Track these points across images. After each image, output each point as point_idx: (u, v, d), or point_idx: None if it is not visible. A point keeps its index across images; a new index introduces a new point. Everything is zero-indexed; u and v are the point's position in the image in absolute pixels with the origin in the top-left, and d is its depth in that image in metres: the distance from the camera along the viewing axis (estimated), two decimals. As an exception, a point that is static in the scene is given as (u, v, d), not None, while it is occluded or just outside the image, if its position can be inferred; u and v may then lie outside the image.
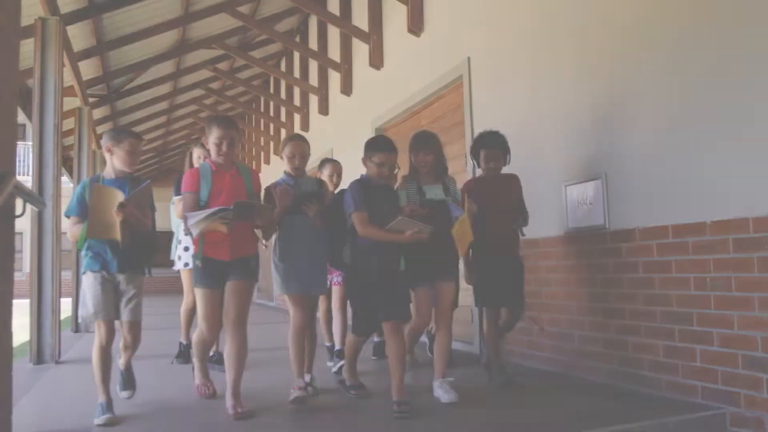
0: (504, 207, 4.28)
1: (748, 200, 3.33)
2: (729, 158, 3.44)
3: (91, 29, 8.30)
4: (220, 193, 3.61)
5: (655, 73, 3.91)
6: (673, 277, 3.76)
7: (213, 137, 3.65)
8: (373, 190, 3.77)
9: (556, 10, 4.82)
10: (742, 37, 3.38)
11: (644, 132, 3.99)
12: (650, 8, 3.95)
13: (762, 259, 3.26)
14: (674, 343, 3.76)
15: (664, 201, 3.84)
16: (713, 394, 3.51)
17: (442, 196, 3.96)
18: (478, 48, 5.91)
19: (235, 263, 3.63)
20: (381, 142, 3.87)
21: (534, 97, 5.03)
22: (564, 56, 4.72)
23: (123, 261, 3.57)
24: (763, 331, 3.25)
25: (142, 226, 3.56)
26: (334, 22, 8.65)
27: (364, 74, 8.76)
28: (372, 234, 3.65)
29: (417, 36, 7.10)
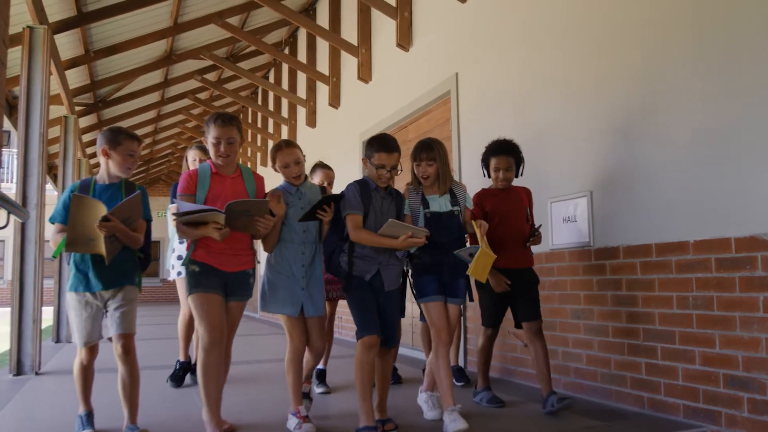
0: (515, 222, 4.09)
1: (730, 220, 3.37)
2: (711, 178, 3.48)
3: (79, 38, 8.29)
4: (217, 198, 3.29)
5: (643, 90, 3.96)
6: (656, 295, 3.79)
7: (211, 136, 3.34)
8: (374, 193, 3.49)
9: (543, 27, 4.87)
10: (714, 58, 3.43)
11: (630, 150, 4.03)
12: (638, 27, 4.00)
13: (743, 279, 3.29)
14: (656, 361, 3.78)
15: (648, 219, 3.87)
16: (694, 412, 3.53)
17: (448, 207, 3.62)
18: (466, 64, 5.95)
19: (234, 278, 3.37)
20: (381, 141, 3.49)
21: (521, 114, 5.07)
22: (551, 73, 4.77)
23: (108, 277, 3.27)
24: (744, 350, 3.28)
25: (131, 241, 3.26)
26: (323, 35, 8.69)
27: (353, 87, 8.80)
28: (364, 239, 3.39)
29: (405, 51, 7.14)
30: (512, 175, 4.14)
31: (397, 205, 3.58)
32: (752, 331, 3.24)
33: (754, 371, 3.22)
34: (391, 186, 3.58)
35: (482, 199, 4.15)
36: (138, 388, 3.33)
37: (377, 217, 3.44)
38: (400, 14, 7.14)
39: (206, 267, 3.29)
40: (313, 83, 10.62)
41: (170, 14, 8.81)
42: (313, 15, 10.49)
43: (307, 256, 3.58)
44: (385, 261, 3.46)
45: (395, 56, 7.40)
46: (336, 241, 3.50)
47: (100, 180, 3.37)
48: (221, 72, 12.56)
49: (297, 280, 3.56)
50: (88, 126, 12.19)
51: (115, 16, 7.83)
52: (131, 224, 3.23)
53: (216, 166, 3.39)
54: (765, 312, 3.18)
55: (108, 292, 3.30)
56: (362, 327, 3.36)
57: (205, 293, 3.27)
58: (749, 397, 3.24)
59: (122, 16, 7.98)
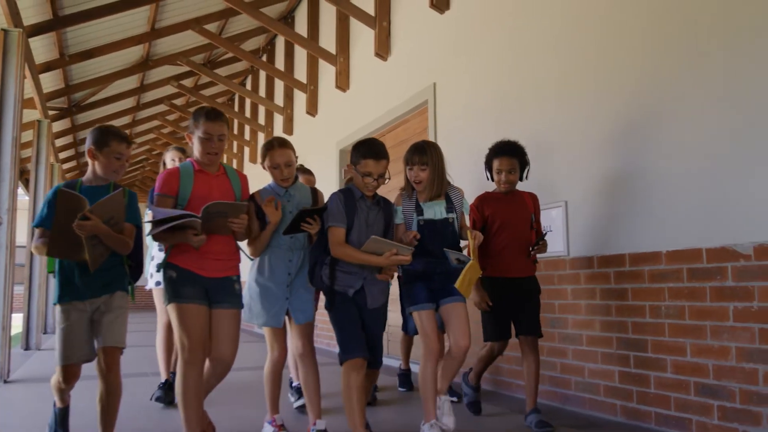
0: (517, 228, 3.89)
1: (702, 231, 3.44)
2: (683, 191, 3.55)
3: (54, 42, 8.21)
4: (203, 198, 3.02)
5: (617, 101, 4.03)
6: (629, 304, 3.85)
7: (200, 131, 3.08)
8: (360, 203, 3.26)
9: (520, 38, 4.93)
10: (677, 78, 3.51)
11: (606, 162, 4.09)
12: (615, 36, 4.07)
13: (714, 289, 3.36)
14: (629, 369, 3.83)
15: (622, 229, 3.93)
16: (666, 420, 3.58)
17: (443, 214, 3.39)
18: (443, 74, 6.00)
19: (216, 284, 3.10)
20: (368, 147, 3.26)
21: (498, 124, 5.12)
22: (528, 84, 4.83)
23: (96, 285, 3.01)
24: (714, 359, 3.34)
25: (118, 244, 2.99)
26: (301, 43, 8.70)
27: (330, 96, 8.81)
28: (346, 255, 3.15)
29: (384, 60, 7.18)
30: (516, 179, 3.92)
31: (386, 215, 3.34)
32: (722, 340, 3.30)
33: (724, 379, 3.28)
34: (378, 194, 3.36)
35: (482, 204, 3.95)
36: (117, 407, 3.05)
37: (363, 229, 3.22)
38: (378, 24, 7.18)
39: (184, 273, 3.05)
40: (290, 91, 10.62)
41: (147, 20, 8.76)
42: (291, 23, 10.50)
43: (294, 263, 3.37)
44: (370, 276, 3.24)
45: (373, 65, 7.43)
46: (320, 252, 3.27)
47: (87, 182, 3.12)
48: (198, 78, 12.50)
49: (281, 289, 3.35)
50: (62, 130, 12.05)
51: (92, 20, 7.75)
52: (115, 226, 2.96)
53: (200, 164, 3.16)
54: (735, 321, 3.24)
55: (97, 300, 3.02)
56: (347, 348, 3.13)
57: (185, 304, 3.01)
58: (719, 405, 3.30)
59: (99, 21, 7.92)
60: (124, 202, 3.03)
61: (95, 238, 2.89)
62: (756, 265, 3.16)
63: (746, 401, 3.17)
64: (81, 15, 7.59)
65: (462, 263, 3.22)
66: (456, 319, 3.30)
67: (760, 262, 3.14)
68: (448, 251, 3.25)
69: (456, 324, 3.30)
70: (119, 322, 3.04)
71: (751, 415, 3.14)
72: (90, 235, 2.85)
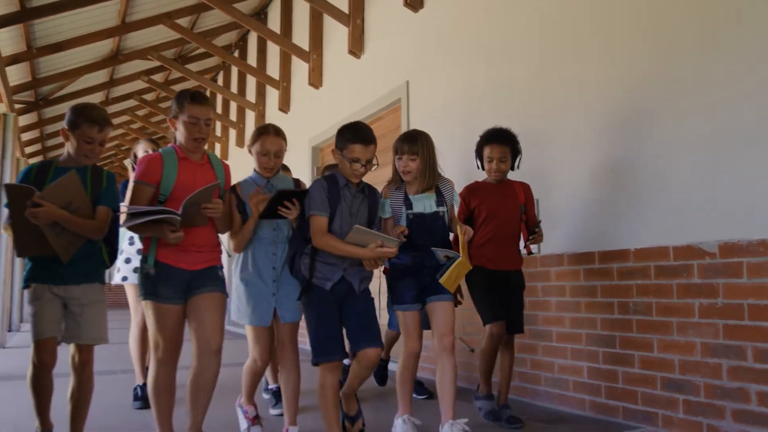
0: (506, 219, 3.77)
1: (669, 230, 3.52)
2: (650, 190, 3.63)
3: (21, 34, 8.06)
4: (188, 188, 2.84)
5: (587, 102, 4.09)
6: (598, 301, 3.92)
7: (186, 115, 2.90)
8: (345, 190, 3.09)
9: (493, 37, 4.97)
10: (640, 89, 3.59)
11: (576, 160, 4.15)
12: (590, 34, 4.14)
13: (681, 286, 3.44)
14: (598, 365, 3.90)
15: (592, 228, 4.00)
16: (633, 414, 3.66)
17: (433, 208, 3.26)
18: (417, 72, 6.03)
19: (198, 273, 2.94)
20: (355, 131, 3.07)
21: (470, 123, 5.16)
22: (501, 82, 4.88)
23: (71, 272, 2.89)
24: (680, 354, 3.42)
25: (85, 229, 2.83)
26: (274, 39, 8.66)
27: (303, 93, 8.79)
28: (328, 245, 2.97)
29: (357, 58, 7.19)
30: (507, 167, 3.79)
31: (370, 203, 3.17)
32: (688, 335, 3.38)
33: (689, 374, 3.36)
34: (363, 181, 3.18)
35: (469, 194, 3.82)
36: (89, 403, 3.01)
37: (347, 218, 3.05)
38: (352, 21, 7.18)
39: (163, 268, 2.88)
40: (262, 87, 10.57)
41: (118, 13, 8.64)
42: (264, 19, 10.44)
43: (278, 257, 3.23)
44: (350, 268, 3.08)
45: (347, 63, 7.43)
46: (300, 242, 3.10)
47: (62, 162, 2.95)
48: (169, 73, 12.37)
49: (267, 285, 3.22)
50: (28, 124, 11.84)
51: (60, 12, 7.62)
52: (78, 210, 2.81)
53: (184, 150, 2.97)
54: (700, 317, 3.33)
55: (74, 288, 2.91)
56: (320, 351, 2.98)
57: (163, 305, 2.87)
58: (684, 399, 3.38)
59: (67, 13, 7.79)
60: (80, 185, 2.84)
61: (57, 226, 2.75)
62: (721, 262, 3.25)
63: (710, 395, 3.26)
64: (49, 7, 7.46)
65: (450, 260, 3.10)
66: (442, 316, 3.21)
67: (725, 260, 3.23)
68: (436, 250, 3.14)
69: (441, 321, 3.20)
70: (97, 317, 2.95)
71: (715, 408, 3.23)
72: (48, 223, 2.71)
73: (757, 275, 3.09)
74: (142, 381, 4.32)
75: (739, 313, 3.16)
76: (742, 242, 3.16)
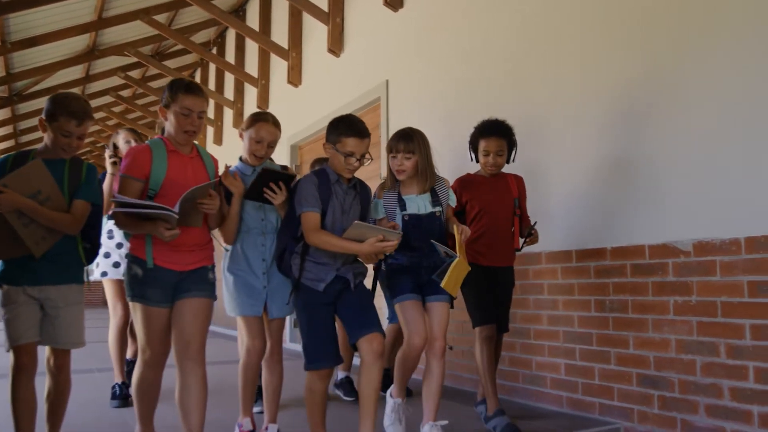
0: (499, 214, 3.65)
1: (644, 229, 3.59)
2: (625, 190, 3.69)
3: (-6, 28, 7.96)
4: (178, 184, 2.71)
5: (563, 100, 4.14)
6: (576, 299, 3.97)
7: (178, 106, 2.74)
8: (336, 186, 2.93)
9: (472, 39, 5.01)
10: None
11: (553, 159, 4.20)
12: (566, 40, 4.19)
13: (656, 284, 3.50)
14: (575, 361, 3.96)
15: (569, 227, 4.05)
16: (609, 410, 3.72)
17: (428, 208, 3.14)
18: (396, 71, 6.05)
19: (189, 274, 2.81)
20: (349, 124, 2.91)
21: (449, 122, 5.19)
22: (479, 83, 4.92)
23: (45, 272, 2.77)
24: (655, 351, 3.48)
25: (58, 222, 2.71)
26: (253, 36, 8.63)
27: (282, 91, 8.77)
28: (323, 242, 2.81)
29: (336, 56, 7.19)
30: (504, 161, 3.66)
31: (362, 200, 3.03)
32: (663, 332, 3.45)
33: (663, 370, 3.43)
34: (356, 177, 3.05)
35: (462, 188, 3.65)
36: (66, 404, 2.94)
37: (339, 216, 2.91)
38: (332, 20, 7.18)
39: (153, 270, 2.74)
40: (241, 85, 10.52)
41: (95, 8, 8.56)
42: (242, 16, 10.39)
43: (267, 248, 3.13)
44: (344, 267, 2.93)
45: (326, 61, 7.43)
46: (289, 237, 2.95)
47: (40, 153, 2.83)
48: (146, 70, 12.25)
49: (257, 277, 3.12)
50: (2, 120, 11.68)
51: (35, 7, 7.53)
52: (47, 202, 2.70)
53: (173, 143, 2.81)
54: (675, 315, 3.39)
55: (49, 288, 2.79)
56: (312, 358, 2.85)
57: (151, 307, 2.76)
58: (659, 395, 3.44)
59: (43, 8, 7.69)
60: (47, 173, 2.71)
61: (24, 216, 2.64)
62: (695, 261, 3.31)
63: (684, 391, 3.32)
64: (24, 1, 7.37)
65: (450, 257, 2.99)
66: (437, 318, 3.12)
67: (699, 258, 3.30)
68: (437, 244, 3.03)
69: (435, 323, 3.12)
70: (73, 319, 2.84)
71: (689, 404, 3.30)
72: (12, 211, 2.60)
73: (730, 273, 3.16)
74: (121, 379, 4.28)
75: (712, 310, 3.23)
76: (715, 241, 3.23)
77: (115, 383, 4.30)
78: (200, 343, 2.79)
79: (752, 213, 3.09)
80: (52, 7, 7.80)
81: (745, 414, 3.07)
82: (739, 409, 3.09)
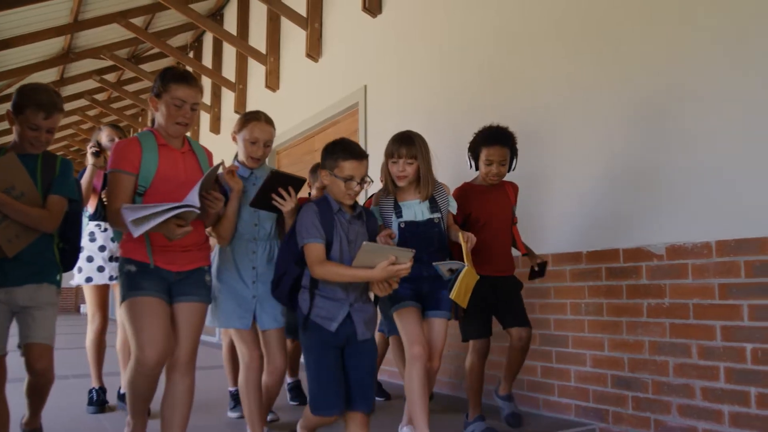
0: (500, 224, 3.54)
1: (619, 233, 3.66)
2: (602, 194, 3.76)
3: (-34, 30, 7.85)
4: (169, 180, 2.56)
5: (540, 104, 4.21)
6: (552, 302, 4.03)
7: (170, 96, 2.57)
8: (339, 216, 2.72)
9: (450, 45, 5.07)
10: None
11: (529, 164, 4.25)
12: (542, 44, 4.26)
13: (630, 287, 3.57)
14: (551, 364, 4.01)
15: (546, 231, 4.11)
16: (585, 411, 3.78)
17: (426, 215, 2.97)
18: (374, 77, 6.09)
19: (183, 277, 2.64)
20: (346, 147, 2.74)
21: (428, 128, 5.21)
22: (456, 89, 4.97)
23: (18, 273, 2.64)
24: (629, 352, 3.55)
25: (32, 218, 2.57)
26: (231, 40, 8.62)
27: (259, 95, 8.76)
28: (333, 274, 2.59)
29: (315, 61, 7.21)
30: (506, 171, 3.52)
31: (369, 229, 2.82)
32: (637, 334, 3.52)
33: (637, 371, 3.50)
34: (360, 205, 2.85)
35: (465, 199, 3.48)
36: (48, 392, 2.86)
37: (345, 247, 2.68)
38: (310, 25, 7.21)
39: (146, 266, 2.57)
40: (218, 89, 10.48)
41: (70, 10, 8.48)
42: (220, 20, 10.37)
43: (258, 255, 2.97)
44: (357, 303, 2.70)
45: (304, 66, 7.45)
46: (289, 261, 2.73)
47: (12, 149, 2.70)
48: (121, 73, 12.16)
49: (246, 286, 2.95)
50: (-27, 123, 11.51)
51: (9, 9, 7.45)
52: (22, 197, 2.58)
53: (164, 135, 2.63)
54: (648, 317, 3.47)
55: (18, 289, 2.65)
56: (318, 404, 2.63)
57: (143, 297, 2.51)
58: (633, 396, 3.51)
59: (16, 10, 7.60)
60: (21, 167, 2.58)
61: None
62: (667, 264, 3.39)
63: (658, 392, 3.39)
64: (-2, 3, 7.30)
65: (455, 273, 2.84)
66: (435, 335, 2.98)
67: (671, 261, 3.37)
68: (438, 265, 2.85)
69: (433, 341, 2.97)
70: (46, 317, 2.70)
71: (662, 404, 3.37)
72: None
73: (701, 276, 3.24)
74: (98, 384, 4.21)
75: (684, 312, 3.31)
76: (687, 245, 3.31)
77: (92, 388, 4.23)
78: (191, 353, 2.65)
79: (722, 217, 3.17)
80: (26, 9, 7.71)
81: (716, 413, 3.14)
82: (711, 408, 3.16)
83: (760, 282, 3.01)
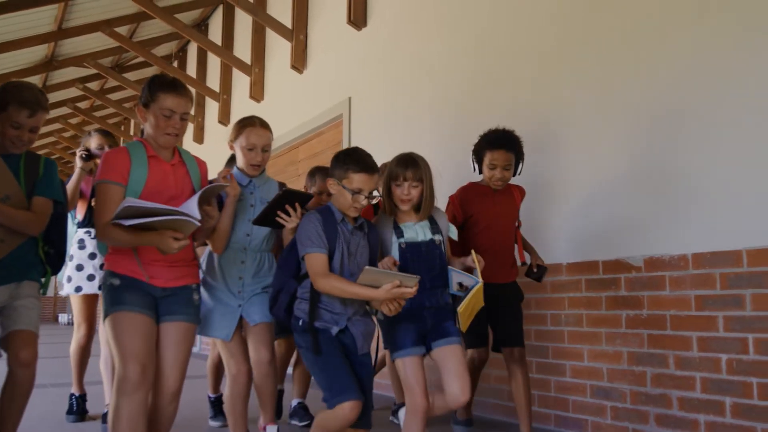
0: (503, 228, 3.46)
1: (598, 245, 3.72)
2: (580, 206, 3.82)
3: (-52, 37, 7.81)
4: (158, 193, 2.43)
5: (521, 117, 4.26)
6: (532, 313, 4.07)
7: (158, 106, 2.44)
8: (342, 227, 2.62)
9: (434, 57, 5.13)
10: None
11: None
12: (521, 59, 4.33)
13: (609, 298, 3.63)
14: (532, 374, 4.04)
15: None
16: (564, 421, 3.82)
17: (428, 235, 2.77)
18: (359, 88, 6.14)
19: (172, 293, 2.50)
20: (357, 159, 2.63)
21: (411, 139, 5.28)
22: (440, 101, 5.03)
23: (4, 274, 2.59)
24: (608, 363, 3.60)
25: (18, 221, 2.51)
26: (215, 51, 8.64)
27: (243, 106, 8.77)
28: (335, 288, 2.48)
29: (300, 72, 7.25)
30: (510, 175, 3.42)
31: (371, 242, 2.72)
32: (615, 345, 3.57)
33: (616, 382, 3.55)
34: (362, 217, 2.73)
35: (467, 200, 3.41)
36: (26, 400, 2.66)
37: (346, 259, 2.60)
38: (295, 37, 7.25)
39: (131, 280, 2.43)
40: (202, 99, 10.49)
41: (55, 18, 8.47)
42: (205, 31, 10.40)
43: (247, 266, 2.90)
44: (355, 317, 2.64)
45: (289, 77, 7.49)
46: (287, 278, 2.64)
47: None
48: (105, 81, 12.13)
49: (233, 296, 2.89)
50: (-47, 130, 11.38)
51: (-7, 16, 7.44)
52: (7, 202, 2.52)
53: (153, 146, 2.51)
54: (627, 328, 3.52)
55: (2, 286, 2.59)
56: (338, 390, 2.44)
57: (128, 312, 2.36)
58: (612, 405, 3.56)
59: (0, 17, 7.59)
60: (7, 170, 2.53)
61: None
62: (646, 276, 3.45)
63: (636, 401, 3.44)
64: (-21, 10, 7.27)
65: (464, 288, 2.70)
66: (453, 365, 2.65)
67: (650, 273, 3.44)
68: (453, 271, 2.72)
69: (453, 372, 2.64)
70: (29, 308, 2.61)
71: (640, 414, 3.42)
72: None
73: (678, 288, 3.30)
74: (79, 392, 4.15)
75: (661, 323, 3.37)
76: (664, 257, 3.37)
77: (72, 394, 4.16)
78: (179, 381, 2.51)
79: (698, 230, 3.24)
80: (10, 16, 7.69)
81: (692, 423, 3.19)
82: (687, 418, 3.22)
83: (735, 294, 3.08)
